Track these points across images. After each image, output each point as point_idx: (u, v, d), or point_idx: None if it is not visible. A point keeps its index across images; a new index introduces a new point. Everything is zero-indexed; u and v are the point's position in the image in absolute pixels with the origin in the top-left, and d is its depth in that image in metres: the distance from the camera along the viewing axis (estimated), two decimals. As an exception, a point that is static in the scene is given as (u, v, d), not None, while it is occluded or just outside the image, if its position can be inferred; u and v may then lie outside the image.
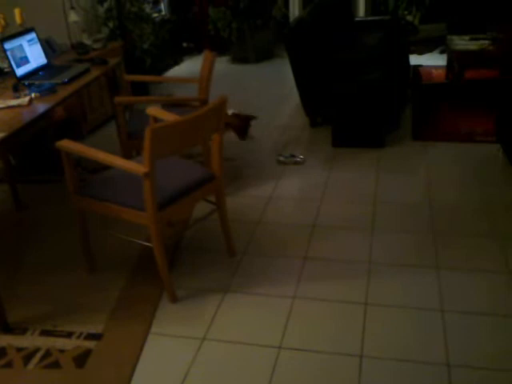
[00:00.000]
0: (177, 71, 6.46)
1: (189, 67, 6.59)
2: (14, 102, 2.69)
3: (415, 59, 5.86)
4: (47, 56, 3.45)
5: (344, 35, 4.65)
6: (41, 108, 2.65)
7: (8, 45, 3.06)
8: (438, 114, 4.41)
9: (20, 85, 2.98)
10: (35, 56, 3.30)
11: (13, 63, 3.06)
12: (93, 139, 4.36)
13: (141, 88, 5.19)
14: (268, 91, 5.43)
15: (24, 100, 2.71)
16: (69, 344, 2.16)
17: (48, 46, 3.91)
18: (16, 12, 3.74)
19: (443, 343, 2.06)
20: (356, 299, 2.33)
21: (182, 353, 2.09)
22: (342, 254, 2.67)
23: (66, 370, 2.03)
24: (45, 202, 3.39)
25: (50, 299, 2.45)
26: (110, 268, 2.66)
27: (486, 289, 2.36)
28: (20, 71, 3.10)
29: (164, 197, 2.27)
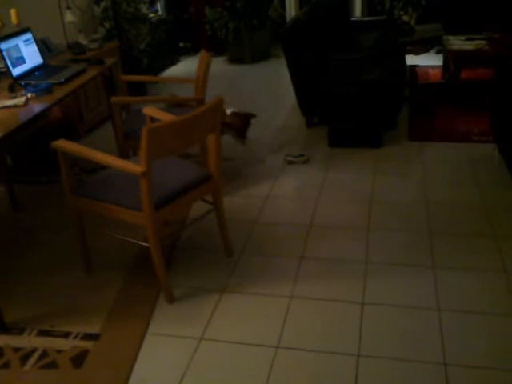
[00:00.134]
0: (173, 71, 6.45)
1: (185, 67, 6.58)
2: (10, 102, 2.69)
3: (411, 59, 5.88)
4: (43, 56, 3.45)
5: (340, 35, 4.65)
6: (37, 108, 2.65)
7: (4, 45, 3.06)
8: (435, 114, 4.42)
9: (16, 85, 2.98)
10: (31, 56, 3.30)
11: (9, 63, 3.05)
12: (89, 139, 4.36)
13: (137, 88, 5.18)
14: (264, 91, 5.44)
15: (20, 100, 2.70)
16: (66, 344, 2.16)
17: (44, 46, 3.90)
18: (12, 12, 3.74)
19: (440, 342, 2.07)
20: (353, 299, 2.34)
21: (180, 353, 2.09)
22: (339, 254, 2.67)
23: (64, 371, 2.03)
24: (42, 203, 3.39)
25: (47, 299, 2.45)
26: (107, 268, 2.65)
27: (482, 288, 2.37)
28: (16, 71, 3.10)
29: (161, 197, 2.27)
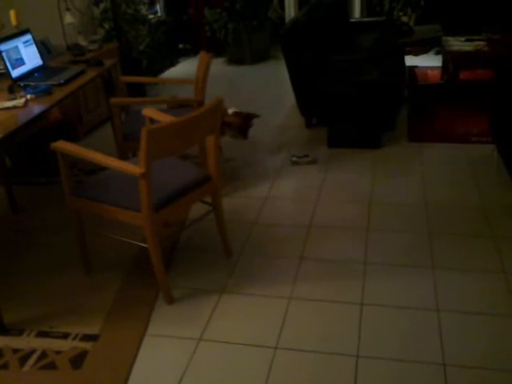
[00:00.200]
0: (173, 72, 6.46)
1: (185, 68, 6.59)
2: (10, 104, 2.69)
3: (411, 60, 5.88)
4: (43, 57, 3.45)
5: (339, 36, 4.66)
6: (36, 109, 2.65)
7: (3, 46, 3.06)
8: (434, 115, 4.42)
9: (15, 86, 2.98)
10: (31, 57, 3.30)
11: (8, 65, 3.06)
12: (89, 140, 4.36)
13: (137, 89, 5.19)
14: (264, 92, 5.44)
15: (19, 101, 2.70)
16: (65, 345, 2.16)
17: (44, 48, 3.91)
18: (11, 13, 3.74)
19: (439, 343, 2.07)
20: (352, 299, 2.34)
21: (179, 353, 2.09)
22: (338, 255, 2.67)
23: (63, 372, 2.03)
24: (41, 204, 3.39)
25: (47, 300, 2.45)
26: (107, 269, 2.65)
27: (482, 289, 2.37)
28: (15, 73, 3.10)
29: (160, 198, 2.27)
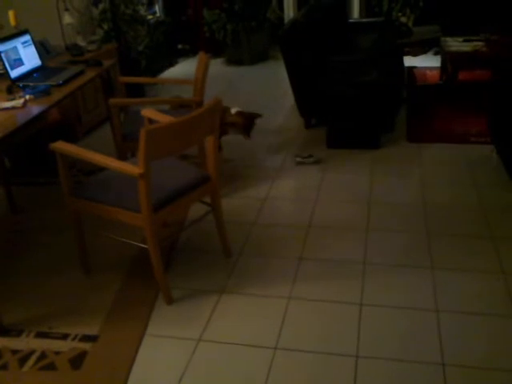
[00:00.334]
0: (172, 73, 6.46)
1: (184, 69, 6.59)
2: (9, 104, 2.69)
3: (409, 61, 5.89)
4: (41, 58, 3.45)
5: (338, 37, 4.66)
6: (35, 110, 2.64)
7: (2, 47, 3.06)
8: (433, 115, 4.43)
9: (14, 87, 2.98)
10: (29, 58, 3.30)
11: (7, 65, 3.05)
12: (88, 141, 4.36)
13: (136, 90, 5.19)
14: (263, 93, 5.44)
15: (18, 102, 2.70)
16: (64, 346, 2.16)
17: (42, 48, 3.91)
18: (10, 14, 3.74)
19: (438, 343, 2.07)
20: (351, 300, 2.34)
21: (178, 354, 2.09)
22: (337, 255, 2.68)
23: (62, 372, 2.03)
24: (40, 205, 3.39)
25: (46, 301, 2.45)
26: (106, 270, 2.65)
27: (481, 289, 2.37)
28: (14, 73, 3.10)
29: (159, 198, 2.27)
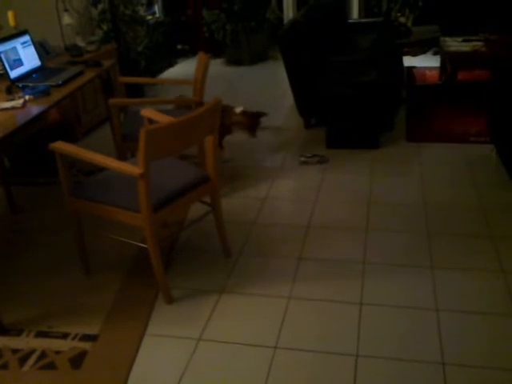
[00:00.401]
0: (171, 73, 6.46)
1: (183, 69, 6.59)
2: (8, 105, 2.69)
3: (409, 61, 5.89)
4: (41, 58, 3.45)
5: (338, 37, 4.66)
6: (35, 110, 2.65)
7: (2, 47, 3.06)
8: (432, 115, 4.43)
9: (14, 87, 2.98)
10: (29, 58, 3.30)
11: (6, 65, 3.05)
12: (87, 141, 4.36)
13: (135, 90, 5.19)
14: (262, 93, 5.44)
15: (18, 102, 2.70)
16: (64, 345, 2.16)
17: (42, 49, 3.91)
18: (10, 14, 3.74)
19: (438, 342, 2.07)
20: (351, 299, 2.34)
21: (178, 353, 2.09)
22: (337, 255, 2.68)
23: (62, 372, 2.03)
24: (39, 205, 3.39)
25: (46, 301, 2.45)
26: (106, 269, 2.65)
27: (480, 288, 2.37)
28: (14, 73, 3.10)
29: (159, 198, 2.27)
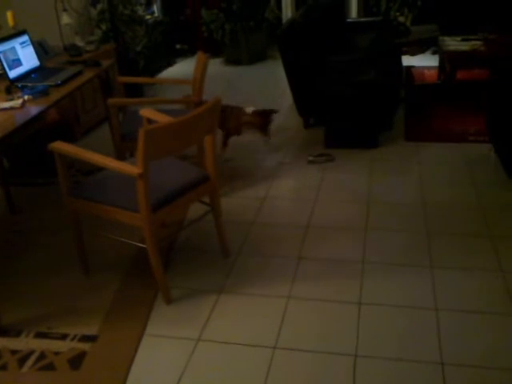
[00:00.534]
0: (170, 73, 6.46)
1: (182, 69, 6.59)
2: (7, 105, 2.69)
3: (408, 60, 5.90)
4: (40, 58, 3.45)
5: (336, 37, 4.66)
6: (34, 110, 2.64)
7: (0, 47, 3.05)
8: (431, 115, 4.43)
9: (13, 87, 2.98)
10: (28, 58, 3.30)
11: (5, 65, 3.05)
12: (86, 141, 4.36)
13: (134, 90, 5.18)
14: (261, 92, 5.44)
15: (17, 102, 2.70)
16: (63, 346, 2.16)
17: (41, 48, 3.90)
18: (8, 14, 3.74)
19: (437, 342, 2.07)
20: (350, 299, 2.34)
21: (177, 354, 2.09)
22: (336, 254, 2.68)
23: (61, 372, 2.03)
24: (38, 205, 3.38)
25: (45, 301, 2.45)
26: (105, 269, 2.65)
27: (480, 288, 2.37)
28: (13, 73, 3.09)
29: (158, 198, 2.27)
